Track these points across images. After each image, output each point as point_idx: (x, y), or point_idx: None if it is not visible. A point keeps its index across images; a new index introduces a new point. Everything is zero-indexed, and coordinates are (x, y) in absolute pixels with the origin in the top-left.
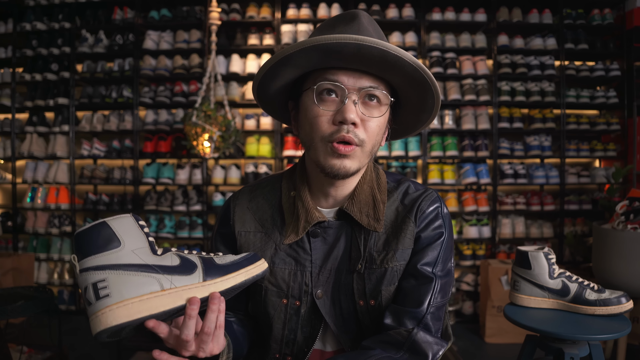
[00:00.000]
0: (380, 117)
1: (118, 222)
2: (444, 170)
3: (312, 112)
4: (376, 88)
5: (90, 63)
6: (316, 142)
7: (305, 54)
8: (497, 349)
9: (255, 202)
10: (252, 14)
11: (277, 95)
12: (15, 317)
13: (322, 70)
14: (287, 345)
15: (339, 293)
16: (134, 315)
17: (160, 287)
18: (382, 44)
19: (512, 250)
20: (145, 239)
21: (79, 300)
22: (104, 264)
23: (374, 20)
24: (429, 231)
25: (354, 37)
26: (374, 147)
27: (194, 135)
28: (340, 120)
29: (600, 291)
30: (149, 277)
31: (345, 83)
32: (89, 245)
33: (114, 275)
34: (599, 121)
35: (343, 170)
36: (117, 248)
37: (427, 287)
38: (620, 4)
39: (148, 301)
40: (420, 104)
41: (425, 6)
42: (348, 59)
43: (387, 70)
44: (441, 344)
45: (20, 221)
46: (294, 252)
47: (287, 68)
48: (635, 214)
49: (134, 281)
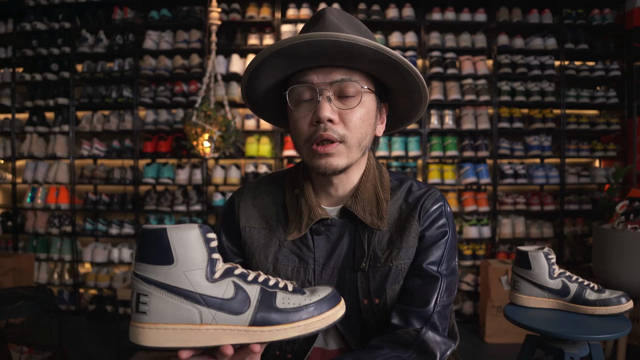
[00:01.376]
0: (357, 108)
1: (179, 234)
2: (444, 170)
3: (293, 116)
4: (348, 80)
5: (90, 63)
6: (301, 145)
7: (270, 63)
8: (497, 349)
9: (260, 199)
10: (252, 14)
11: (271, 105)
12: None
13: (295, 73)
14: (288, 342)
15: (342, 291)
16: (163, 343)
17: (199, 320)
18: (330, 35)
19: (512, 250)
20: (206, 258)
21: (79, 300)
22: (152, 279)
23: (346, 13)
24: (433, 230)
25: (302, 36)
26: (361, 140)
27: (194, 135)
28: (317, 120)
29: (600, 291)
30: (191, 306)
31: (315, 81)
32: (146, 250)
33: (157, 294)
34: (599, 121)
35: (330, 167)
36: (169, 265)
37: (433, 287)
38: (620, 4)
39: (182, 332)
40: (403, 85)
41: (425, 6)
42: (309, 57)
43: (353, 60)
44: (449, 343)
45: (20, 221)
46: (298, 250)
47: (262, 80)
48: (635, 214)
49: (175, 307)
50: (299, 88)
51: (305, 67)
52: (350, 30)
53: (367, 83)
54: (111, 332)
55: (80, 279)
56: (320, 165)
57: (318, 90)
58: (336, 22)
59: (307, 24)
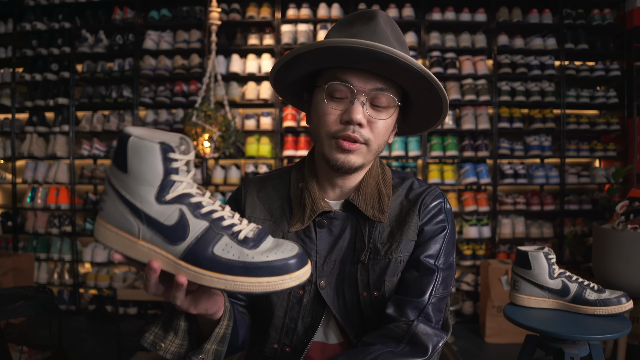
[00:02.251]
0: (387, 119)
1: (137, 145)
2: (444, 170)
3: (322, 109)
4: (385, 90)
5: (90, 63)
6: (322, 136)
7: (318, 53)
8: (497, 349)
9: (265, 192)
10: (252, 14)
11: (292, 86)
12: (15, 317)
13: (334, 69)
14: (287, 334)
15: (342, 284)
16: (109, 242)
17: (138, 234)
18: (392, 51)
19: (512, 250)
20: (160, 177)
21: (79, 300)
22: (111, 181)
23: (392, 20)
24: (431, 225)
25: (365, 43)
26: (380, 146)
27: (194, 135)
28: (347, 120)
29: (600, 291)
30: (133, 220)
31: (355, 84)
32: (116, 151)
33: (112, 196)
34: (599, 121)
35: (347, 164)
36: (124, 173)
37: (429, 279)
38: (620, 4)
39: (121, 239)
40: (428, 107)
41: (425, 6)
42: (359, 61)
43: (397, 74)
44: (441, 335)
45: (20, 221)
46: (300, 241)
47: (300, 64)
48: (635, 214)
49: (120, 215)
50: (338, 86)
51: (347, 65)
52: (393, 38)
53: (398, 97)
54: (111, 332)
55: (80, 279)
56: (338, 160)
57: (356, 93)
58: (384, 28)
59: (353, 20)
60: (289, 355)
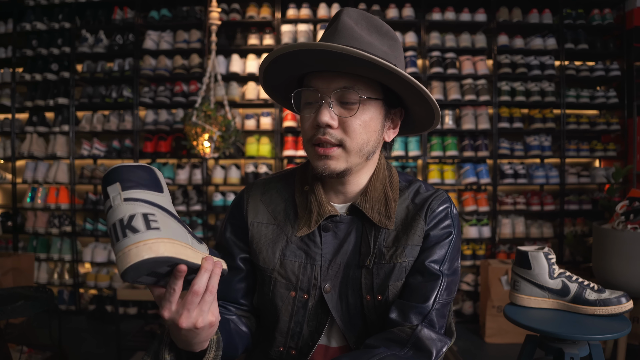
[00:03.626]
0: (357, 115)
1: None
2: (444, 170)
3: (301, 116)
4: (350, 88)
5: (90, 63)
6: (305, 144)
7: (281, 64)
8: (497, 349)
9: (269, 195)
10: (252, 14)
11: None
12: (15, 317)
13: (308, 74)
14: (293, 338)
15: (346, 288)
16: (177, 254)
17: (190, 242)
18: (325, 45)
19: (512, 250)
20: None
21: (79, 300)
22: (153, 202)
23: (365, 14)
24: (438, 230)
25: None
26: (363, 146)
27: (194, 135)
28: (317, 124)
29: (600, 291)
30: (183, 230)
31: (319, 87)
32: (138, 180)
33: (161, 215)
34: (599, 121)
35: (327, 170)
36: (161, 194)
37: (433, 284)
38: (620, 4)
39: (185, 249)
40: (411, 93)
41: (425, 6)
42: (311, 63)
43: (364, 70)
44: (444, 340)
45: (20, 221)
46: (305, 246)
47: (278, 74)
48: (635, 214)
49: (176, 227)
50: (305, 92)
51: (311, 70)
52: (369, 31)
53: (370, 91)
54: (111, 332)
55: (80, 279)
56: (319, 167)
57: (320, 96)
58: (352, 24)
59: (328, 25)
60: (294, 358)
